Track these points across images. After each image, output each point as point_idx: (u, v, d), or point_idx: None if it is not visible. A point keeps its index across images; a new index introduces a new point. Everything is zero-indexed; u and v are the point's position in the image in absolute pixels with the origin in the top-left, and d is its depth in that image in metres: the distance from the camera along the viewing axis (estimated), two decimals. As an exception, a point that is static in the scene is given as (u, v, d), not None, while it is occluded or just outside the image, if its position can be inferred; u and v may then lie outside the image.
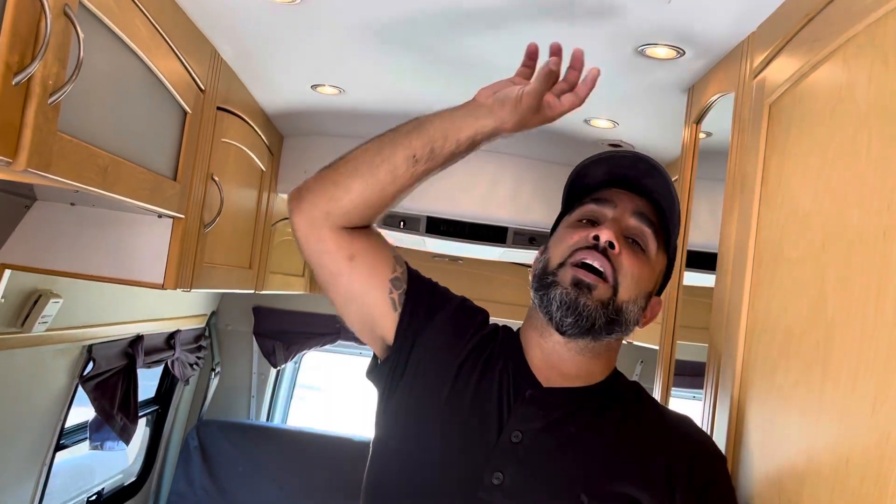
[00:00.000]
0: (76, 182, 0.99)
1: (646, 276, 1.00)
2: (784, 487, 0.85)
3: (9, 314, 1.74)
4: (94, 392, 2.35)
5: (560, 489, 0.93)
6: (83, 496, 2.76)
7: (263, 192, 2.16)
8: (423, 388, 1.02)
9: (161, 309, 2.79)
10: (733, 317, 1.06)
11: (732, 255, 1.10)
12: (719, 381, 1.10)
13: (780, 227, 0.94)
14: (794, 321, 0.87)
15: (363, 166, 1.01)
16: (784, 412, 0.88)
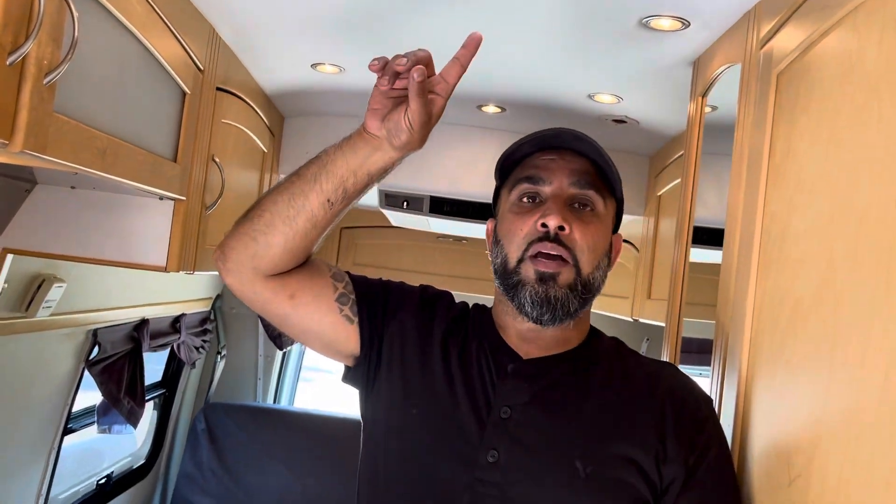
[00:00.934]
0: (74, 164, 0.98)
1: (600, 236, 1.01)
2: (793, 461, 0.84)
3: (12, 299, 1.74)
4: (100, 376, 2.36)
5: (555, 459, 0.94)
6: (93, 479, 2.78)
7: (265, 174, 2.15)
8: (402, 378, 1.03)
9: (165, 293, 2.79)
10: (740, 291, 1.04)
11: (739, 229, 1.08)
12: (727, 357, 1.09)
13: (788, 200, 0.93)
14: (803, 294, 0.85)
15: (278, 219, 1.00)
16: (793, 386, 0.87)
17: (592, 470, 0.92)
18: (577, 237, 0.98)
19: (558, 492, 0.92)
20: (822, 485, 0.76)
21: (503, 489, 0.93)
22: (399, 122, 0.93)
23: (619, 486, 0.92)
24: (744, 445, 0.99)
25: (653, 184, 2.23)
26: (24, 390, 2.05)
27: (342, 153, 0.99)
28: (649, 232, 2.18)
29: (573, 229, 0.97)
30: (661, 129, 2.00)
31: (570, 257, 0.97)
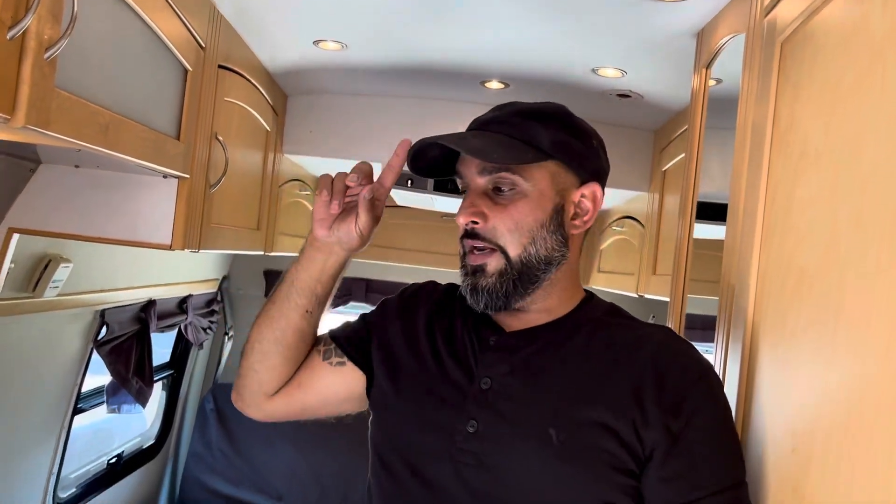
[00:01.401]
0: (77, 140, 0.98)
1: (525, 213, 0.98)
2: (796, 429, 0.84)
3: (19, 279, 1.75)
4: (108, 356, 2.38)
5: (530, 427, 0.94)
6: (103, 458, 2.81)
7: (269, 153, 2.15)
8: (392, 366, 1.08)
9: (172, 274, 2.81)
10: (744, 261, 1.04)
11: (743, 200, 1.08)
12: (730, 328, 1.09)
13: (792, 168, 0.92)
14: (807, 262, 0.85)
15: (269, 345, 1.10)
16: (796, 355, 0.87)
17: (565, 437, 0.92)
18: (495, 224, 0.98)
19: (532, 459, 0.93)
20: (824, 452, 0.77)
21: (481, 458, 0.94)
22: (350, 230, 1.04)
23: (594, 451, 0.91)
24: (747, 415, 0.99)
25: (658, 159, 2.22)
26: (34, 370, 2.07)
27: (303, 267, 1.08)
28: (654, 208, 2.17)
29: (489, 218, 0.98)
30: (666, 103, 1.99)
31: (494, 244, 0.98)
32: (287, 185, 2.43)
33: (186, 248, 1.48)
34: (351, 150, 2.30)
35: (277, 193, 2.30)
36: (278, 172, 2.27)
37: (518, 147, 0.98)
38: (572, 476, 0.91)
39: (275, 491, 3.40)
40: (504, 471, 0.94)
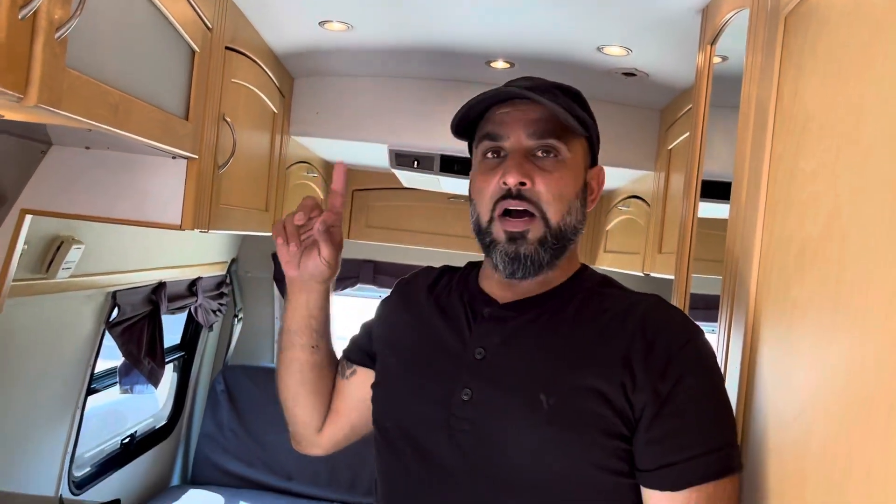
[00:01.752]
0: (88, 119, 0.99)
1: (568, 181, 1.02)
2: (797, 397, 0.85)
3: (32, 260, 1.78)
4: (120, 337, 2.41)
5: (521, 394, 0.96)
6: (117, 438, 2.86)
7: (276, 135, 2.16)
8: (390, 344, 1.13)
9: (181, 256, 2.83)
10: (748, 235, 1.05)
11: (747, 175, 1.09)
12: (734, 303, 1.10)
13: (795, 142, 0.93)
14: (810, 234, 0.86)
15: (298, 389, 1.19)
16: (799, 327, 0.88)
17: (555, 401, 0.93)
18: (540, 189, 0.99)
19: (524, 424, 0.94)
20: (825, 418, 0.78)
21: (476, 424, 0.97)
22: (316, 264, 1.10)
23: (584, 416, 0.92)
24: (751, 384, 1.01)
25: (663, 138, 2.22)
26: (48, 350, 2.11)
27: (290, 310, 1.16)
28: (660, 187, 2.18)
29: (535, 182, 0.99)
30: (672, 81, 1.99)
31: (537, 210, 0.99)
32: (294, 168, 2.44)
33: (196, 229, 1.50)
34: (357, 131, 2.31)
35: (285, 175, 2.31)
36: (286, 154, 2.29)
37: (567, 116, 1.01)
38: (563, 440, 0.93)
39: (285, 471, 3.44)
40: (497, 436, 0.96)
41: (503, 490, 0.95)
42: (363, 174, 3.27)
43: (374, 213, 3.32)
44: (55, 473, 2.32)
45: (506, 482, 0.95)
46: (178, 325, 3.41)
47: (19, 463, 2.10)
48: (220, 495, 3.28)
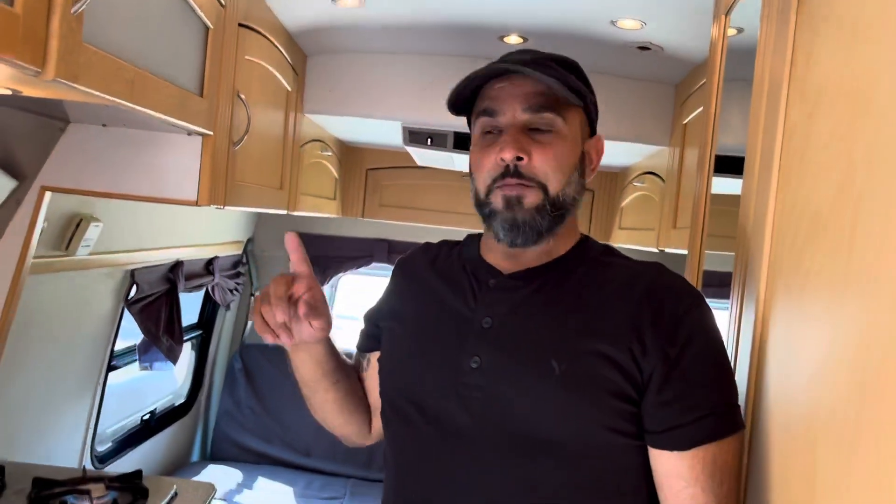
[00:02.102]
0: (105, 94, 1.01)
1: (564, 154, 1.02)
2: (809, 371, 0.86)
3: (52, 238, 1.81)
4: (139, 315, 2.45)
5: (531, 360, 0.97)
6: (137, 415, 2.91)
7: (290, 113, 2.16)
8: (396, 319, 1.15)
9: (198, 235, 2.86)
10: (761, 206, 1.05)
11: (760, 146, 1.08)
12: (747, 273, 1.11)
13: (809, 109, 0.92)
14: (822, 203, 0.86)
15: (337, 417, 1.21)
16: (811, 296, 0.88)
17: (566, 367, 0.95)
18: (537, 164, 1.00)
19: (536, 389, 0.96)
20: (835, 386, 0.78)
21: (486, 390, 0.98)
22: (311, 333, 1.07)
23: (595, 380, 0.94)
24: (762, 355, 1.01)
25: (678, 113, 2.20)
26: (69, 327, 2.14)
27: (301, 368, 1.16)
28: (675, 162, 2.17)
29: (532, 156, 1.00)
30: (687, 55, 1.97)
31: (535, 181, 1.00)
32: (308, 146, 2.45)
33: (212, 205, 1.51)
34: (370, 108, 2.31)
35: (299, 153, 2.32)
36: (300, 132, 2.30)
37: (563, 87, 1.01)
38: (575, 404, 0.95)
39: (303, 447, 3.49)
40: (508, 402, 0.98)
41: (513, 450, 0.97)
42: (376, 153, 3.27)
43: (387, 192, 3.33)
44: (78, 448, 2.36)
45: (516, 444, 0.97)
46: (196, 305, 3.45)
47: (43, 437, 2.15)
48: (238, 471, 3.34)
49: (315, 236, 3.67)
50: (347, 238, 3.66)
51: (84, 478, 1.51)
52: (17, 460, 1.76)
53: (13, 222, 1.55)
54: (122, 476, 1.53)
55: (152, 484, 1.52)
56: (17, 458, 1.74)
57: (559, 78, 1.01)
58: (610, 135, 2.31)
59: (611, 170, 3.19)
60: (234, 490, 3.15)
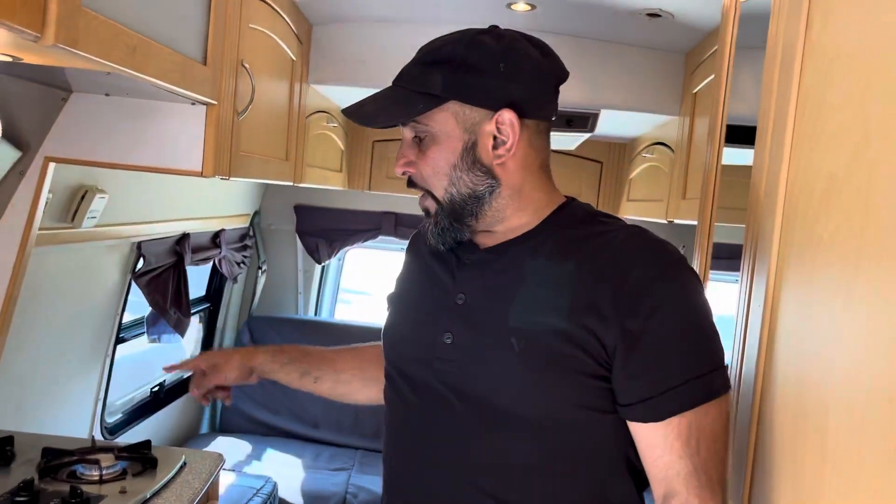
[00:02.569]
0: (106, 60, 0.99)
1: (440, 155, 1.02)
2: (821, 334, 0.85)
3: (58, 209, 1.80)
4: (146, 287, 2.45)
5: (495, 337, 1.00)
6: (147, 387, 2.93)
7: (295, 83, 2.14)
8: (402, 290, 1.21)
9: (205, 208, 2.86)
10: (773, 173, 1.03)
11: (773, 112, 1.06)
12: (758, 243, 1.09)
13: (824, 73, 0.90)
14: (837, 168, 0.84)
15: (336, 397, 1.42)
16: (823, 263, 0.87)
17: (524, 345, 0.96)
18: (420, 171, 1.04)
19: (499, 367, 0.99)
20: (847, 352, 0.77)
21: (458, 365, 1.02)
22: None
23: (554, 357, 0.95)
24: (773, 325, 1.00)
25: (688, 82, 2.17)
26: (76, 299, 2.15)
27: None
28: (684, 132, 2.14)
29: (417, 166, 1.04)
30: (698, 22, 1.93)
31: (424, 188, 1.06)
32: (314, 117, 2.43)
33: (217, 175, 1.50)
34: (375, 79, 2.28)
35: (305, 125, 2.30)
36: (305, 103, 2.28)
37: (412, 99, 1.01)
38: (535, 382, 0.97)
39: (311, 418, 3.52)
40: (479, 376, 1.01)
41: (485, 423, 1.00)
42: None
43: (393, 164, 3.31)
44: (87, 419, 2.38)
45: (488, 417, 1.00)
46: (204, 278, 3.45)
47: (52, 409, 2.16)
48: (247, 442, 3.37)
49: (321, 209, 3.66)
50: (354, 211, 3.65)
51: (93, 448, 1.52)
52: (27, 431, 1.77)
53: (17, 194, 1.54)
54: (131, 446, 1.54)
55: (161, 454, 1.53)
56: (26, 429, 1.75)
57: (413, 87, 1.02)
58: (618, 105, 2.30)
59: (619, 141, 3.16)
60: (243, 461, 3.17)
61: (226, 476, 2.75)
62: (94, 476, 1.38)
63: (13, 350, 1.81)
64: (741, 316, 1.13)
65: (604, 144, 3.18)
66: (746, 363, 1.07)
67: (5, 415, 1.85)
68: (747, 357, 1.07)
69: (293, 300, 3.86)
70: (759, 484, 0.99)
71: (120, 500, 1.30)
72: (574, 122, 2.34)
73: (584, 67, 2.22)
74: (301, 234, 3.69)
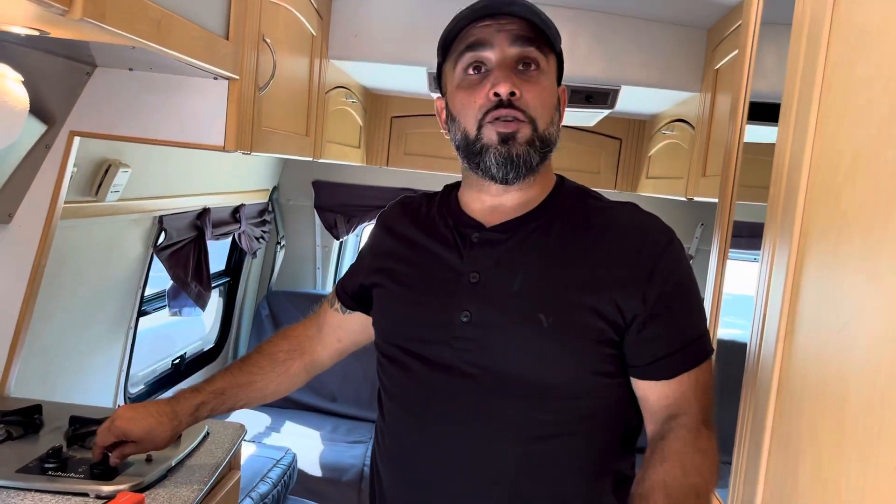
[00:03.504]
0: (131, 34, 1.00)
1: (548, 93, 1.06)
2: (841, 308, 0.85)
3: (82, 183, 1.82)
4: (168, 261, 2.48)
5: (520, 314, 1.02)
6: (168, 359, 2.97)
7: (315, 58, 2.14)
8: (396, 268, 1.17)
9: (224, 183, 2.88)
10: (798, 148, 1.03)
11: (798, 87, 1.05)
12: (781, 218, 1.09)
13: (852, 47, 0.89)
14: (863, 142, 0.84)
15: None
16: (848, 238, 0.87)
17: (553, 320, 1.00)
18: (528, 98, 1.03)
19: (525, 341, 1.01)
20: (870, 328, 0.77)
21: (477, 342, 1.03)
22: None
23: (582, 330, 1.01)
24: (794, 302, 1.00)
25: (710, 58, 2.15)
26: (100, 272, 2.18)
27: None
28: (705, 109, 2.12)
29: (523, 92, 1.03)
30: (722, -4, 1.91)
31: (526, 118, 1.03)
32: (333, 93, 2.43)
33: (239, 150, 1.51)
34: (395, 54, 2.28)
35: (324, 100, 2.30)
36: (325, 79, 2.28)
37: (552, 27, 1.06)
38: (563, 354, 1.01)
39: (329, 392, 3.56)
40: (500, 350, 1.03)
41: (507, 394, 1.02)
42: (401, 100, 3.24)
43: (412, 141, 3.31)
44: (111, 390, 2.43)
45: (510, 388, 1.02)
46: (223, 253, 3.49)
47: (78, 379, 2.20)
48: (266, 415, 3.41)
49: (339, 185, 3.68)
50: (372, 187, 3.66)
51: (119, 417, 1.55)
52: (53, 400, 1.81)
53: (44, 166, 1.57)
54: (156, 416, 1.57)
55: (185, 424, 1.56)
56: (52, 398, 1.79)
57: (542, 21, 1.05)
58: (638, 81, 2.28)
59: (638, 117, 3.14)
60: (262, 433, 3.22)
61: (246, 447, 2.80)
62: (121, 444, 1.41)
63: (40, 321, 1.84)
64: (761, 294, 1.13)
65: (623, 121, 3.16)
66: (766, 341, 1.07)
67: (33, 384, 1.89)
68: (766, 335, 1.07)
69: (311, 275, 3.89)
70: (778, 459, 1.00)
71: (146, 467, 1.33)
72: (594, 98, 2.33)
73: (605, 43, 2.21)
74: (319, 209, 3.71)
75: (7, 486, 1.24)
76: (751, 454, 1.09)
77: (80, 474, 1.28)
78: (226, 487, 1.52)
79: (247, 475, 2.50)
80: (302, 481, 2.94)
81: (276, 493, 2.60)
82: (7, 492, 1.23)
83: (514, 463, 1.03)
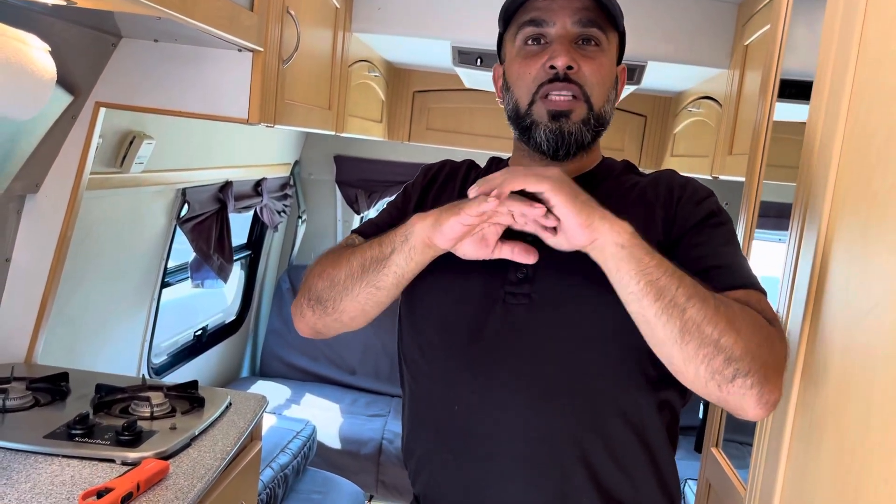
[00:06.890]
0: (157, 4, 1.00)
1: (607, 71, 1.06)
2: (871, 290, 0.83)
3: (107, 154, 1.84)
4: (191, 233, 2.50)
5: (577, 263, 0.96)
6: (190, 330, 3.01)
7: (339, 31, 2.13)
8: None
9: (247, 156, 2.88)
10: (829, 127, 1.01)
11: (832, 64, 1.03)
12: (809, 199, 1.07)
13: (887, 25, 0.87)
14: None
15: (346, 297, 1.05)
16: (878, 220, 0.85)
17: None
18: (585, 74, 1.03)
19: (585, 294, 0.99)
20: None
21: (533, 297, 1.02)
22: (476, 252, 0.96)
23: None
24: (821, 285, 0.99)
25: (740, 33, 2.11)
26: (125, 243, 2.20)
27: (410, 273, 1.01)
28: (734, 86, 2.08)
29: (581, 67, 1.02)
30: (753, -30, 1.87)
31: (581, 94, 1.03)
32: (356, 66, 2.42)
33: (262, 122, 1.51)
34: (419, 27, 2.26)
35: (347, 74, 2.30)
36: (348, 52, 2.26)
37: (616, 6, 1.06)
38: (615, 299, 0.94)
39: (348, 365, 3.59)
40: (557, 304, 1.01)
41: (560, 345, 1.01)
42: (424, 74, 3.22)
43: (434, 116, 3.29)
44: (135, 359, 2.46)
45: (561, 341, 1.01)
46: (245, 226, 3.51)
47: (102, 349, 2.24)
48: (286, 387, 3.46)
49: (361, 160, 3.67)
50: (393, 162, 3.66)
51: (144, 386, 1.58)
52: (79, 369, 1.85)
53: (70, 137, 1.58)
54: (180, 385, 1.59)
55: (207, 394, 1.58)
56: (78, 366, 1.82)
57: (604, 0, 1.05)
58: (666, 56, 2.24)
59: (664, 94, 3.10)
60: (282, 405, 3.26)
61: (267, 418, 2.84)
62: (146, 412, 1.43)
63: (66, 291, 1.87)
64: (788, 274, 1.11)
65: (648, 98, 3.12)
66: (792, 321, 1.06)
67: (59, 352, 1.92)
68: (793, 315, 1.06)
69: (332, 249, 3.91)
70: (799, 444, 1.00)
71: (170, 436, 1.35)
72: (623, 72, 2.29)
73: (632, 17, 2.15)
74: (340, 184, 3.71)
75: (35, 451, 1.27)
76: (772, 438, 1.08)
77: (106, 441, 1.30)
78: (248, 457, 1.54)
79: (267, 446, 2.53)
80: (321, 453, 2.98)
81: (297, 464, 2.64)
82: (35, 457, 1.25)
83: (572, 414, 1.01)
